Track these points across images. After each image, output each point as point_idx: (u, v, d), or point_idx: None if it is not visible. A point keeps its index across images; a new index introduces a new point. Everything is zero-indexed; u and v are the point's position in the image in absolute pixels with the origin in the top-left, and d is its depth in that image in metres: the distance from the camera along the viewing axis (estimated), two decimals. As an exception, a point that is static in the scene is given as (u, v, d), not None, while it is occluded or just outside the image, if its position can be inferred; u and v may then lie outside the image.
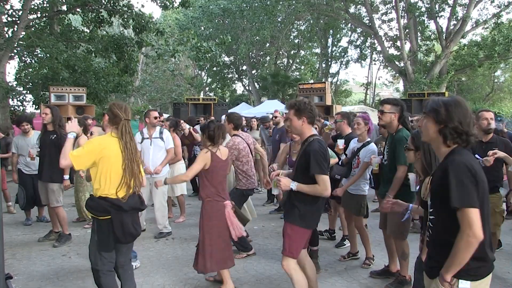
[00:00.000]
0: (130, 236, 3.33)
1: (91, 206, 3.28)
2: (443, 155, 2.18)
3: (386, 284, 4.26)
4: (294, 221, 3.36)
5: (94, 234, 3.32)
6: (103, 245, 3.29)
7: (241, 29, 27.61)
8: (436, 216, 2.18)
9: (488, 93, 31.92)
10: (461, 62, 21.91)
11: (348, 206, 5.03)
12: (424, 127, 2.23)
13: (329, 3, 23.55)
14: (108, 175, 3.21)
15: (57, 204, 5.66)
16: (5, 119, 13.09)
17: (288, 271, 3.40)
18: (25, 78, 15.33)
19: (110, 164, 3.21)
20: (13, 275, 4.19)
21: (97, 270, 3.32)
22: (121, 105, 3.37)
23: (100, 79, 14.90)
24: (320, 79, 28.98)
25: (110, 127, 3.39)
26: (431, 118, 2.17)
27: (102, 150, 3.20)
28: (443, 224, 2.13)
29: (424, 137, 2.27)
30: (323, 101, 11.69)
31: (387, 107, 4.14)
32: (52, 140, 5.57)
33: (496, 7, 21.52)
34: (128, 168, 3.25)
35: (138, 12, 14.29)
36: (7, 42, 12.49)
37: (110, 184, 3.22)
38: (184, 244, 5.76)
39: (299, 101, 3.41)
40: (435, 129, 2.16)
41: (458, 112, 2.11)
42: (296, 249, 3.38)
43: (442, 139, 2.15)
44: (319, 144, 3.30)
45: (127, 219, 3.27)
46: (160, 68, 30.61)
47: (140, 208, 3.44)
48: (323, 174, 3.23)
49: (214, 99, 14.65)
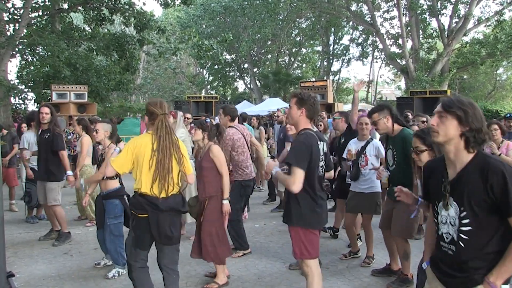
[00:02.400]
0: (165, 238, 3.24)
1: (131, 203, 3.33)
2: (461, 161, 2.01)
3: (388, 282, 4.25)
4: (293, 223, 3.28)
5: (132, 231, 3.33)
6: (138, 243, 3.28)
7: (242, 27, 27.61)
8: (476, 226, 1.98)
9: (490, 91, 31.81)
10: (463, 60, 21.87)
11: (362, 209, 4.90)
12: (442, 126, 2.01)
13: (331, 1, 23.51)
14: (143, 173, 3.17)
15: (54, 202, 5.64)
16: (6, 117, 13.10)
17: (306, 273, 3.30)
18: (26, 76, 15.38)
19: (144, 161, 3.16)
20: (15, 273, 4.19)
21: (130, 265, 3.35)
22: (155, 102, 3.34)
23: (102, 77, 14.93)
24: (322, 77, 28.93)
25: (152, 125, 3.34)
26: (455, 118, 1.98)
27: (136, 148, 3.19)
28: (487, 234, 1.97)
29: (440, 138, 2.03)
30: (325, 99, 11.70)
31: (375, 115, 4.10)
32: (47, 139, 5.57)
33: (498, 4, 21.48)
34: (160, 163, 3.15)
35: (140, 10, 14.30)
36: (9, 40, 12.50)
37: (146, 182, 3.17)
38: (186, 242, 5.74)
39: (304, 92, 3.36)
40: (458, 131, 1.98)
41: (481, 116, 1.98)
42: (307, 250, 3.24)
43: (464, 143, 1.99)
44: (306, 137, 3.19)
45: (163, 220, 3.18)
46: (162, 66, 30.67)
47: (181, 210, 3.36)
48: (297, 167, 3.06)
49: (216, 97, 14.66)
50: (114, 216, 4.46)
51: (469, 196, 1.97)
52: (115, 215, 4.46)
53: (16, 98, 15.12)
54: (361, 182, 4.80)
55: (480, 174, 1.94)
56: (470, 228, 1.98)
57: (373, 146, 4.83)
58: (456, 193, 2.02)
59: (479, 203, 1.95)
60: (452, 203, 2.04)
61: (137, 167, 3.20)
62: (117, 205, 4.46)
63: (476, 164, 1.97)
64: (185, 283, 4.35)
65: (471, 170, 1.98)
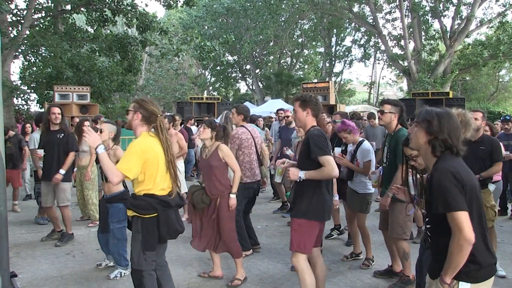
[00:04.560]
0: (174, 233, 3.26)
1: (135, 205, 3.16)
2: (430, 164, 2.25)
3: (389, 284, 4.26)
4: (300, 215, 3.39)
5: (138, 234, 3.18)
6: (148, 244, 3.17)
7: (244, 28, 27.63)
8: (430, 220, 2.26)
9: (492, 93, 31.75)
10: (466, 62, 21.81)
11: (352, 204, 5.01)
12: (414, 135, 2.31)
13: (333, 2, 23.49)
14: (154, 175, 3.13)
15: (67, 202, 5.73)
16: (9, 118, 13.13)
17: (296, 267, 3.43)
18: (29, 77, 15.41)
19: (155, 164, 3.13)
20: (18, 274, 4.21)
21: (141, 271, 3.18)
22: (151, 101, 3.29)
23: (104, 78, 14.95)
24: (324, 79, 28.94)
25: (144, 125, 3.23)
26: (423, 128, 2.25)
27: (145, 152, 3.08)
28: (437, 228, 2.20)
29: (413, 144, 2.35)
30: (327, 101, 11.69)
31: (387, 107, 4.20)
32: (61, 139, 5.60)
33: (501, 6, 21.43)
34: (171, 164, 3.19)
35: (142, 11, 14.33)
36: (12, 41, 12.53)
37: (158, 183, 3.15)
38: (188, 243, 5.75)
39: (304, 94, 3.57)
40: (425, 139, 2.24)
41: (450, 125, 2.20)
42: (305, 244, 3.37)
43: (430, 149, 2.23)
44: (318, 130, 3.43)
45: (172, 216, 3.22)
46: (164, 67, 30.68)
47: (182, 204, 3.41)
48: (326, 154, 3.29)
49: (218, 98, 14.68)
50: (117, 220, 4.45)
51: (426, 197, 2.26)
52: (118, 219, 4.45)
53: (18, 99, 15.20)
54: (355, 182, 4.91)
55: (430, 177, 2.19)
56: (430, 226, 2.28)
57: (361, 150, 4.87)
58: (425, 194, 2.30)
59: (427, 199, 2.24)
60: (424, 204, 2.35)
61: (147, 170, 3.11)
62: (121, 209, 4.42)
63: (434, 169, 2.20)
64: (187, 284, 4.36)
65: (430, 173, 2.23)
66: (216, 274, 4.48)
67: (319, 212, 3.40)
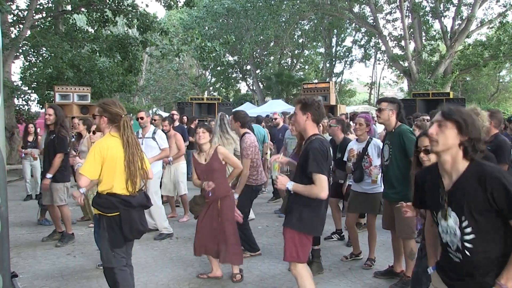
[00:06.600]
0: (137, 233, 3.33)
1: (98, 203, 3.26)
2: (458, 167, 2.01)
3: (390, 284, 4.25)
4: (291, 226, 3.27)
5: (104, 232, 3.28)
6: (115, 242, 3.27)
7: (245, 28, 27.63)
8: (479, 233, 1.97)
9: (493, 93, 31.74)
10: (466, 62, 21.78)
11: (363, 208, 4.93)
12: (442, 135, 2.00)
13: (333, 3, 23.49)
14: (114, 174, 3.22)
15: (61, 202, 5.68)
16: (10, 119, 13.15)
17: (295, 275, 3.33)
18: (30, 78, 15.42)
19: (115, 163, 3.21)
20: (19, 274, 4.22)
21: (112, 268, 3.28)
22: (114, 102, 3.35)
23: (105, 78, 14.96)
24: (324, 79, 28.94)
25: (109, 127, 3.34)
26: (455, 127, 1.98)
27: (104, 152, 3.20)
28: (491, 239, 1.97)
29: (439, 147, 2.01)
30: (327, 101, 11.69)
31: (384, 104, 4.18)
32: (52, 140, 5.59)
33: (501, 6, 21.41)
34: (131, 163, 3.24)
35: (143, 11, 14.32)
36: (13, 42, 12.55)
37: (117, 182, 3.22)
38: (189, 244, 5.75)
39: (307, 97, 3.37)
40: (457, 140, 1.98)
41: (480, 125, 2.02)
42: (297, 254, 3.25)
43: (462, 152, 1.99)
44: (320, 143, 3.18)
45: (135, 216, 3.27)
46: (164, 67, 30.66)
47: (147, 205, 3.44)
48: (321, 173, 3.07)
49: (218, 99, 14.69)
50: None
51: (469, 205, 1.95)
52: None
53: (19, 99, 15.20)
54: (365, 183, 4.80)
55: (478, 182, 1.93)
56: (474, 236, 1.97)
57: (374, 146, 4.85)
58: (454, 203, 2.01)
59: (480, 211, 1.94)
60: (451, 213, 2.03)
61: (106, 170, 3.21)
62: None
63: (472, 173, 1.97)
64: (188, 284, 4.36)
65: (468, 178, 1.98)
66: (216, 274, 4.47)
67: (309, 226, 3.24)
